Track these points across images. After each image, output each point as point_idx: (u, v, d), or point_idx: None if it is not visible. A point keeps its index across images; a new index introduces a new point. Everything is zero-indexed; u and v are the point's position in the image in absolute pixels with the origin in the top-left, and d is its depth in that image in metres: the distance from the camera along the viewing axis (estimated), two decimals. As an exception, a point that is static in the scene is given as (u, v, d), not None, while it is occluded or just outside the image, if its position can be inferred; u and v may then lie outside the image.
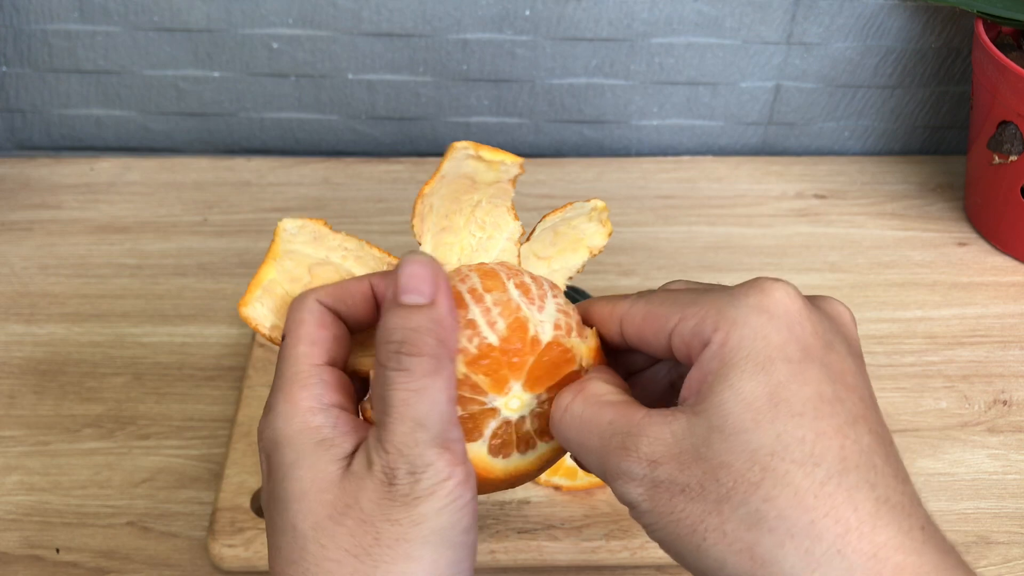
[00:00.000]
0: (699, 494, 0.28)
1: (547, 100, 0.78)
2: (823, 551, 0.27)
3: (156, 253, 0.68)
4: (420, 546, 0.30)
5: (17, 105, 0.77)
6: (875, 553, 0.27)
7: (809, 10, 0.74)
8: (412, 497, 0.30)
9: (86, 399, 0.58)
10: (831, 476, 0.28)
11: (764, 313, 0.30)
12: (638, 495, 0.30)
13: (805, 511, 0.27)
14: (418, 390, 0.31)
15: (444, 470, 0.30)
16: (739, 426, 0.28)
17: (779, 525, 0.27)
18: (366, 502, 0.30)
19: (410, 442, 0.30)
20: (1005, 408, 0.60)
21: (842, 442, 0.28)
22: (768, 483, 0.28)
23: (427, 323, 0.31)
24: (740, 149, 0.82)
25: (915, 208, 0.75)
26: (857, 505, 0.27)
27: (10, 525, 0.52)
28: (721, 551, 0.28)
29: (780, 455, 0.28)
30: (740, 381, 0.29)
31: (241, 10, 0.73)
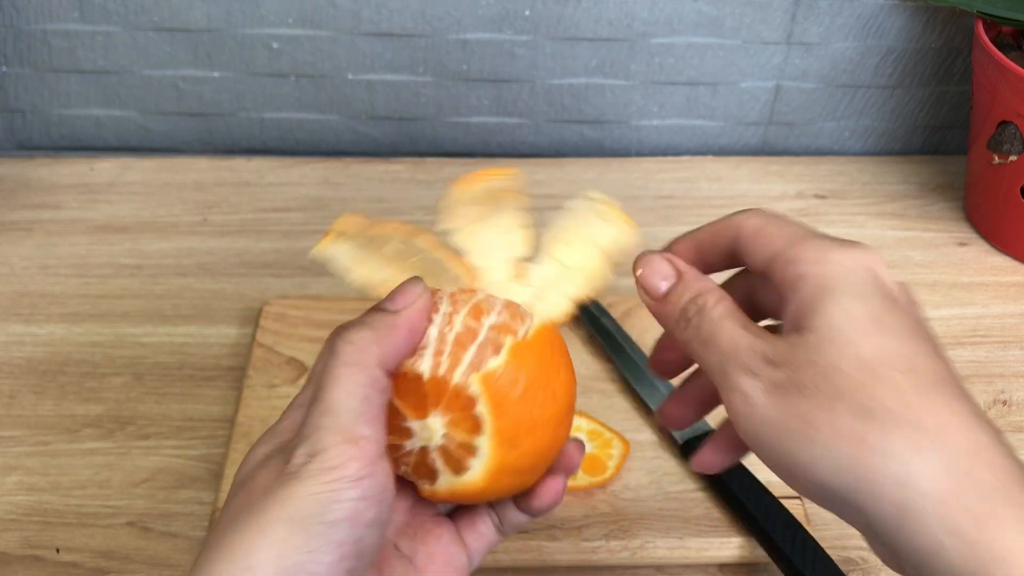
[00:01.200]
0: (813, 393, 0.32)
1: (547, 100, 0.78)
2: (929, 441, 0.30)
3: (156, 253, 0.68)
4: (275, 522, 0.30)
5: (17, 105, 0.77)
6: (977, 450, 0.30)
7: (809, 10, 0.74)
8: (293, 476, 0.31)
9: (86, 399, 0.58)
10: (931, 384, 0.31)
11: (857, 262, 0.34)
12: (757, 390, 0.33)
13: (909, 407, 0.31)
14: (336, 376, 0.32)
15: (336, 459, 0.31)
16: (848, 338, 0.32)
17: (887, 417, 0.31)
18: (262, 475, 0.32)
19: (315, 424, 0.32)
20: (1005, 408, 0.60)
21: (936, 362, 0.32)
22: (876, 384, 0.31)
23: (376, 322, 0.34)
24: (740, 149, 0.82)
25: (915, 208, 0.75)
26: (955, 410, 0.31)
27: (10, 525, 0.52)
28: (833, 440, 0.31)
29: (885, 363, 0.32)
30: (846, 302, 0.33)
31: (241, 10, 0.73)
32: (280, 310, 0.62)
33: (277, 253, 0.69)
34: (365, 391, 0.32)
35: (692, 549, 0.50)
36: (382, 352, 0.33)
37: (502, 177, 0.39)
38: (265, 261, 0.68)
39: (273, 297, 0.64)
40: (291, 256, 0.68)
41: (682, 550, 0.50)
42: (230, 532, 0.31)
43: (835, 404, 0.31)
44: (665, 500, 0.52)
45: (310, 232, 0.71)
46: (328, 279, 0.67)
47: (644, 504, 0.52)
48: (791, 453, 0.32)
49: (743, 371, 0.33)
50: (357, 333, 0.33)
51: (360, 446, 0.32)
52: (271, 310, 0.62)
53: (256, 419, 0.55)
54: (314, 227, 0.71)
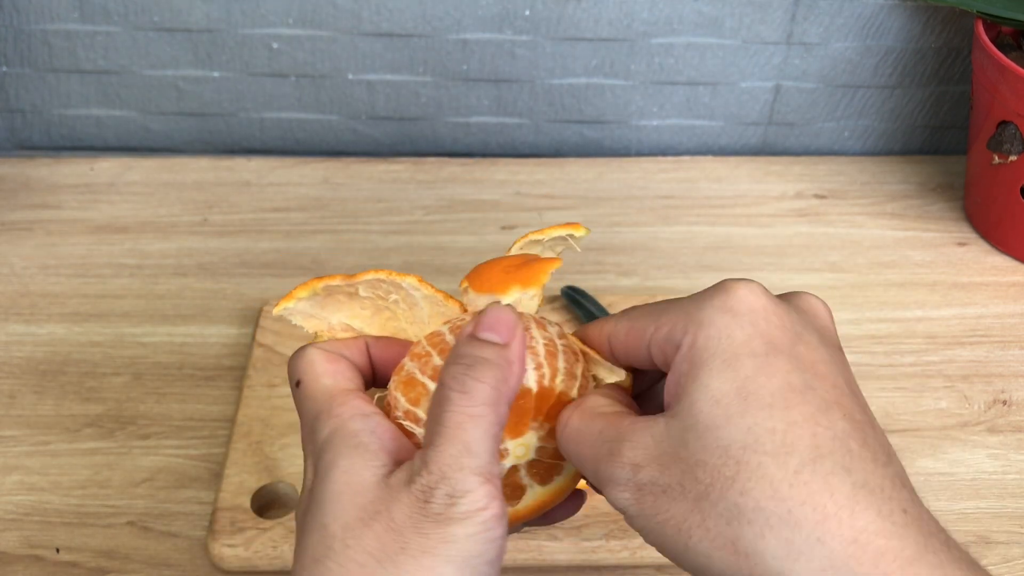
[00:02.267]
0: (680, 493, 0.29)
1: (547, 100, 0.78)
2: (803, 539, 0.27)
3: (156, 253, 0.68)
4: (445, 564, 0.29)
5: (17, 105, 0.77)
6: (855, 538, 0.27)
7: (809, 10, 0.74)
8: (445, 517, 0.30)
9: (86, 399, 0.58)
10: (804, 464, 0.28)
11: (728, 312, 0.31)
12: (625, 499, 0.31)
13: (781, 501, 0.28)
14: (474, 416, 0.31)
15: (482, 500, 0.30)
16: (710, 423, 0.29)
17: (757, 517, 0.28)
18: (398, 513, 0.30)
19: (455, 465, 0.30)
20: (1005, 408, 0.60)
21: (814, 430, 0.29)
22: (743, 476, 0.28)
23: (497, 358, 0.32)
24: (740, 149, 0.82)
25: (915, 208, 0.75)
26: (834, 491, 0.28)
27: (10, 525, 0.52)
28: (706, 547, 0.29)
29: (752, 448, 0.28)
30: (708, 379, 0.30)
31: (241, 10, 0.73)
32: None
33: (277, 253, 0.69)
34: (496, 430, 0.32)
35: (692, 549, 0.50)
36: (509, 391, 0.32)
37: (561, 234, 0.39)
38: (265, 261, 0.68)
39: (273, 297, 0.64)
40: (291, 256, 0.69)
41: (682, 550, 0.50)
42: (389, 571, 0.30)
43: (703, 506, 0.29)
44: (665, 500, 0.52)
45: (310, 232, 0.71)
46: (328, 279, 0.67)
47: (644, 504, 0.52)
48: (675, 558, 0.30)
49: (610, 483, 0.31)
50: (487, 373, 0.32)
51: (495, 484, 0.31)
52: (271, 310, 0.62)
53: (256, 419, 0.55)
54: (314, 227, 0.71)
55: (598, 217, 0.73)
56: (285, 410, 0.56)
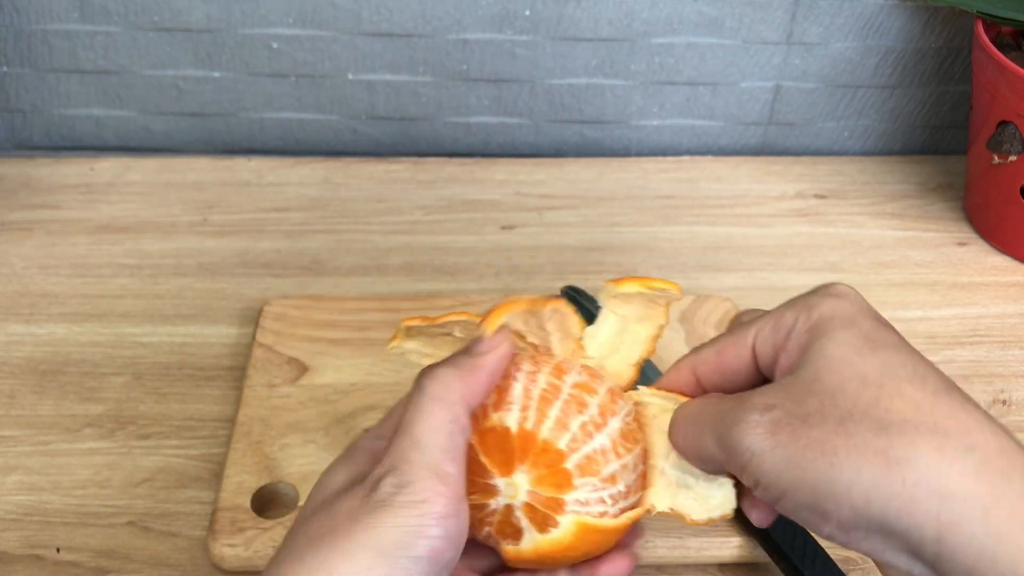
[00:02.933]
0: (820, 420, 0.31)
1: (547, 100, 0.78)
2: (954, 446, 0.30)
3: (156, 253, 0.68)
4: (362, 549, 0.30)
5: (17, 105, 0.77)
6: (1002, 448, 0.30)
7: (809, 10, 0.74)
8: (382, 505, 0.31)
9: (86, 399, 0.58)
10: (940, 390, 0.31)
11: (834, 297, 0.35)
12: (759, 436, 0.32)
13: (928, 413, 0.30)
14: (424, 412, 0.33)
15: (424, 492, 0.31)
16: (845, 359, 0.32)
17: (906, 428, 0.30)
18: (343, 502, 0.32)
19: (402, 457, 0.32)
20: (1005, 408, 0.60)
21: (938, 372, 0.32)
22: (886, 396, 0.31)
23: (463, 362, 0.34)
24: (740, 149, 0.82)
25: (915, 208, 0.75)
26: (971, 413, 0.31)
27: (10, 525, 0.52)
28: (855, 461, 0.30)
29: (889, 375, 0.31)
30: (835, 332, 0.33)
31: (241, 10, 0.73)
32: (280, 310, 0.62)
33: (277, 253, 0.69)
34: (449, 428, 0.33)
35: (692, 549, 0.50)
36: (464, 390, 0.34)
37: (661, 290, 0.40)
38: (265, 261, 0.68)
39: (273, 297, 0.64)
40: (291, 256, 0.69)
41: (682, 550, 0.50)
42: (310, 553, 0.31)
43: (848, 425, 0.30)
44: (665, 500, 0.52)
45: (310, 232, 0.71)
46: (328, 279, 0.67)
47: (644, 504, 0.52)
48: (816, 488, 0.30)
49: (737, 427, 0.32)
50: (442, 370, 0.34)
51: (447, 483, 0.32)
52: (271, 310, 0.62)
53: (256, 419, 0.55)
54: (314, 227, 0.71)
55: (598, 217, 0.73)
56: (285, 410, 0.56)
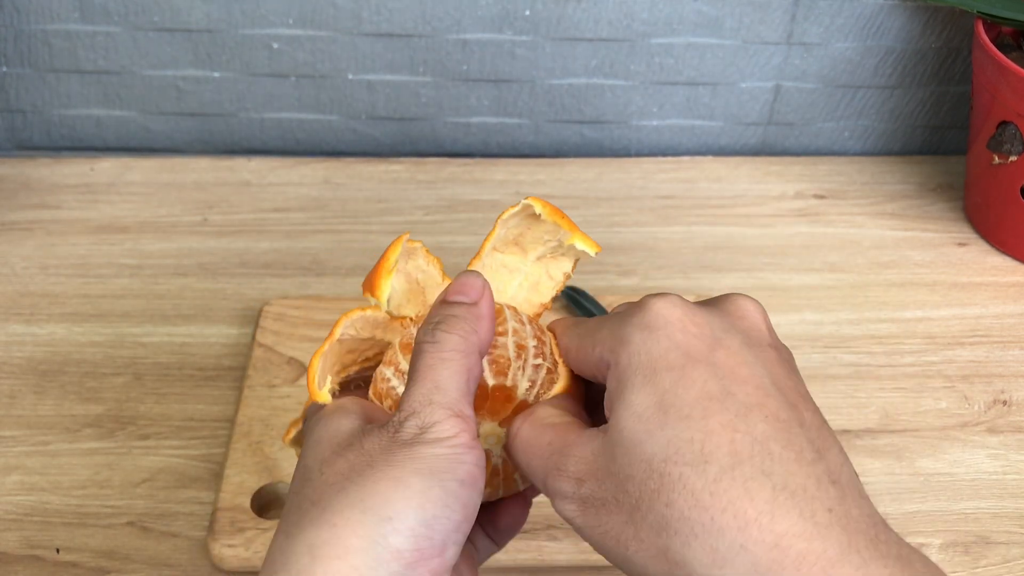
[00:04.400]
0: (616, 507, 0.30)
1: (547, 100, 0.78)
2: (727, 546, 0.28)
3: (156, 253, 0.68)
4: (412, 475, 0.30)
5: (17, 105, 0.77)
6: (776, 543, 0.27)
7: (809, 10, 0.74)
8: (414, 442, 0.31)
9: (86, 399, 0.58)
10: (724, 471, 0.28)
11: (645, 329, 0.32)
12: (571, 511, 0.32)
13: (704, 510, 0.28)
14: (444, 359, 0.33)
15: (451, 429, 0.32)
16: (634, 438, 0.30)
17: (682, 527, 0.28)
18: (369, 443, 0.32)
19: (425, 401, 0.32)
20: (1005, 408, 0.60)
21: (731, 436, 0.29)
22: (666, 488, 0.29)
23: (466, 313, 0.34)
24: (740, 149, 0.82)
25: (915, 208, 0.75)
26: (753, 496, 0.28)
27: (10, 525, 0.52)
28: (642, 558, 0.29)
29: (672, 460, 0.29)
30: (631, 395, 0.31)
31: (241, 10, 0.73)
32: (280, 310, 0.62)
33: (277, 253, 0.69)
34: (466, 375, 0.33)
35: (692, 549, 0.50)
36: (479, 341, 0.34)
37: None
38: (265, 261, 0.68)
39: (273, 297, 0.64)
40: (291, 256, 0.69)
41: (682, 550, 0.50)
42: (352, 487, 0.30)
43: (635, 518, 0.30)
44: (665, 500, 0.52)
45: (310, 232, 0.71)
46: (328, 279, 0.67)
47: (644, 504, 0.52)
48: (619, 566, 0.31)
49: (557, 496, 0.32)
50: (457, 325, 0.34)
51: (465, 423, 0.32)
52: (271, 310, 0.62)
53: (256, 419, 0.55)
54: (314, 227, 0.71)
55: (598, 217, 0.73)
56: (285, 410, 0.56)
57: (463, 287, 0.35)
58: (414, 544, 0.30)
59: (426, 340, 0.34)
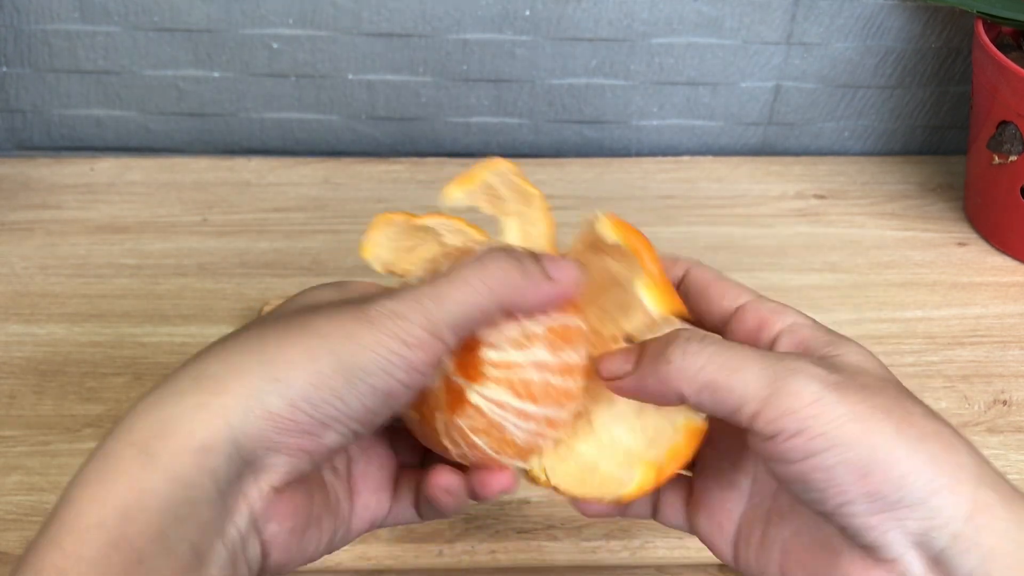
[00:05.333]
0: (879, 392, 0.33)
1: (547, 100, 0.78)
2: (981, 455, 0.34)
3: (156, 253, 0.68)
4: (327, 354, 0.30)
5: (17, 105, 0.77)
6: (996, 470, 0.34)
7: (809, 10, 0.74)
8: (366, 318, 0.31)
9: (86, 399, 0.58)
10: None
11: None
12: (827, 387, 0.32)
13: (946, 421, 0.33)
14: (465, 281, 0.32)
15: (409, 336, 0.31)
16: (877, 370, 0.35)
17: (944, 419, 0.33)
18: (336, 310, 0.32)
19: (417, 298, 0.31)
20: (1005, 408, 0.60)
21: None
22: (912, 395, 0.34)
23: (531, 272, 0.33)
24: (740, 149, 0.82)
25: (915, 208, 0.75)
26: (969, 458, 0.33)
27: (10, 525, 0.52)
28: (917, 432, 0.32)
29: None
30: (850, 347, 0.36)
31: (241, 10, 0.73)
32: (280, 310, 0.62)
33: (277, 253, 0.69)
34: (476, 312, 0.32)
35: (692, 549, 0.50)
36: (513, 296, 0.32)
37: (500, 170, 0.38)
38: (265, 261, 0.68)
39: (273, 297, 0.64)
40: (291, 256, 0.69)
41: (682, 550, 0.50)
42: (273, 335, 0.31)
43: (905, 404, 0.32)
44: (665, 500, 0.52)
45: (310, 232, 0.71)
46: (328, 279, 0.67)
47: (644, 504, 0.52)
48: (875, 448, 0.31)
49: (804, 375, 0.32)
50: (506, 263, 0.32)
51: (433, 345, 0.31)
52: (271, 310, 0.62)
53: (256, 419, 0.55)
54: (314, 227, 0.71)
55: (598, 217, 0.73)
56: (285, 410, 0.56)
57: (561, 264, 0.34)
58: (290, 413, 0.30)
59: (479, 258, 0.32)
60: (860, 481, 0.31)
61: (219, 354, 0.31)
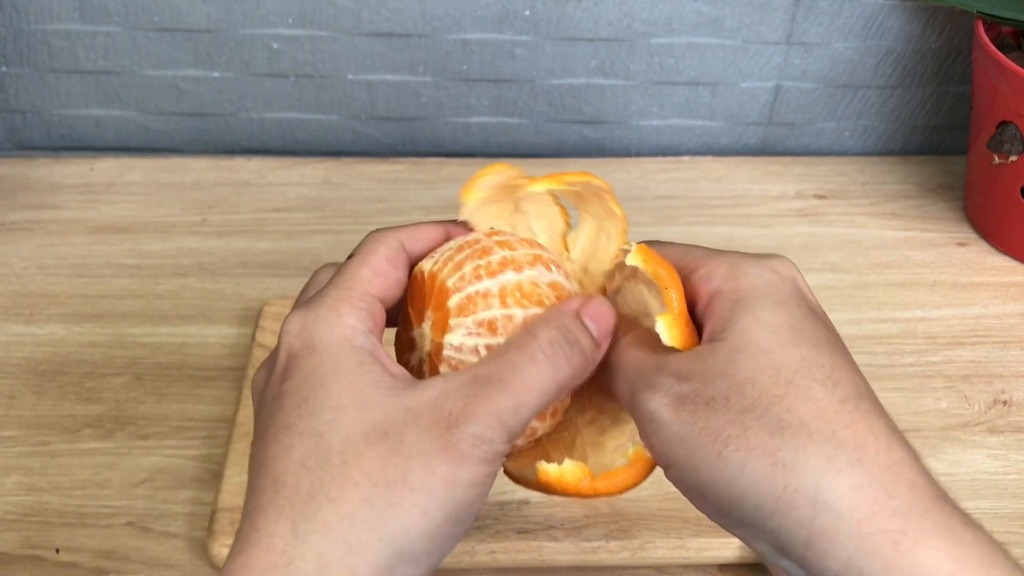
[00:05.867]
0: (723, 406, 0.30)
1: (547, 100, 0.78)
2: (844, 458, 0.29)
3: (156, 253, 0.68)
4: (439, 508, 0.29)
5: (17, 105, 0.77)
6: (891, 466, 0.29)
7: (809, 10, 0.74)
8: (460, 456, 0.30)
9: (86, 399, 0.58)
10: (849, 398, 0.30)
11: (770, 271, 0.34)
12: (661, 405, 0.32)
13: (826, 422, 0.30)
14: (545, 389, 0.32)
15: (498, 458, 0.31)
16: (765, 347, 0.31)
17: (801, 432, 0.29)
18: (410, 437, 0.30)
19: (500, 415, 0.30)
20: (1005, 408, 0.60)
21: (854, 376, 0.31)
22: (792, 395, 0.30)
23: (590, 354, 0.33)
24: (740, 149, 0.82)
25: (915, 208, 0.75)
26: (873, 425, 0.30)
27: (10, 525, 0.52)
28: (741, 456, 0.30)
29: (803, 373, 0.30)
30: (762, 312, 0.32)
31: (241, 10, 0.73)
32: (280, 310, 0.62)
33: (277, 253, 0.69)
34: (541, 410, 0.32)
35: (692, 549, 0.50)
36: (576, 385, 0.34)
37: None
38: (265, 261, 0.68)
39: (273, 297, 0.64)
40: (291, 256, 0.68)
41: (682, 550, 0.50)
42: (380, 502, 0.29)
43: (746, 418, 0.30)
44: (665, 500, 0.52)
45: (310, 232, 0.71)
46: (328, 279, 0.67)
47: (644, 504, 0.52)
48: (700, 471, 0.31)
49: (648, 389, 0.32)
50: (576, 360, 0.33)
51: (506, 453, 0.32)
52: (271, 310, 0.62)
53: (256, 419, 0.55)
54: (314, 227, 0.71)
55: (598, 217, 0.73)
56: (285, 410, 0.56)
57: (600, 318, 0.34)
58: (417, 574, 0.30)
59: (547, 353, 0.32)
60: (699, 499, 0.32)
61: (329, 529, 0.29)
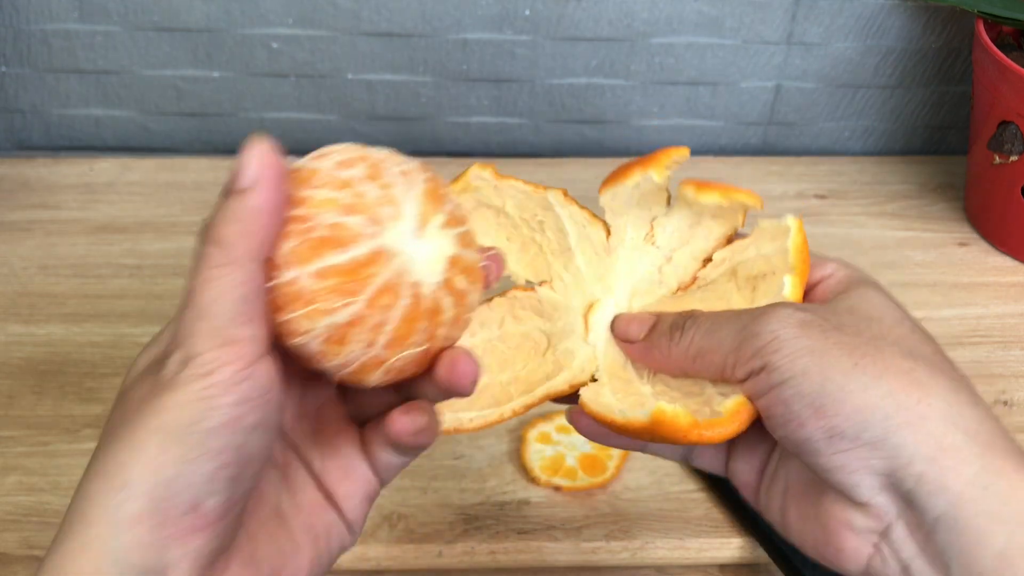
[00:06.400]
0: (853, 332, 0.33)
1: (547, 100, 0.78)
2: (967, 396, 0.33)
3: (156, 253, 0.68)
4: (150, 434, 0.29)
5: (17, 105, 0.77)
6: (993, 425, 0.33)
7: (809, 10, 0.74)
8: (166, 385, 0.30)
9: (86, 399, 0.58)
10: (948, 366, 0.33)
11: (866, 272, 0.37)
12: (788, 326, 0.33)
13: (945, 363, 0.33)
14: (207, 280, 0.30)
15: (210, 363, 0.29)
16: (882, 303, 0.34)
17: (932, 363, 0.32)
18: (139, 388, 0.31)
19: (189, 331, 0.30)
20: (1005, 408, 0.60)
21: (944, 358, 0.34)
22: (915, 339, 0.33)
23: (240, 214, 0.31)
24: (740, 149, 0.82)
25: (915, 208, 0.75)
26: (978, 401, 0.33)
27: (10, 525, 0.52)
28: (879, 368, 0.31)
29: (919, 330, 0.34)
30: (872, 292, 0.35)
31: (241, 10, 0.73)
32: (280, 310, 0.61)
33: (277, 253, 0.69)
34: (241, 290, 0.30)
35: (692, 549, 0.50)
36: (253, 245, 0.30)
37: None
38: (265, 261, 0.68)
39: (273, 297, 0.64)
40: (291, 256, 0.68)
41: (682, 550, 0.50)
42: (103, 451, 0.30)
43: (879, 343, 0.32)
44: (665, 501, 0.52)
45: (310, 232, 0.70)
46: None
47: (644, 504, 0.52)
48: (827, 381, 0.31)
49: (765, 316, 0.33)
50: (224, 229, 0.30)
51: (237, 348, 0.30)
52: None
53: (256, 419, 0.55)
54: (314, 227, 0.71)
55: (598, 217, 0.73)
56: (285, 410, 0.56)
57: (244, 166, 0.32)
58: (152, 507, 0.29)
59: (196, 251, 0.31)
60: (815, 415, 0.31)
61: (78, 490, 0.30)
